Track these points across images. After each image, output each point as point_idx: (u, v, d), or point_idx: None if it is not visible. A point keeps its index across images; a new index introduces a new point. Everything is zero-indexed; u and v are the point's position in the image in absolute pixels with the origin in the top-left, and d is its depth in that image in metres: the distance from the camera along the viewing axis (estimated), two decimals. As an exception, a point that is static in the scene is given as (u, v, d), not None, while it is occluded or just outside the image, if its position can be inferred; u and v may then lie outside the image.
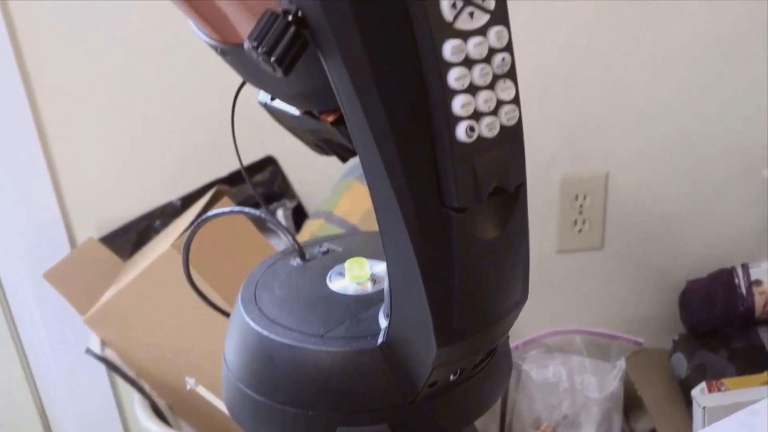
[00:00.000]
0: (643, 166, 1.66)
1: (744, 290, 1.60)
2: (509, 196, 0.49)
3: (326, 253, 0.66)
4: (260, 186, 1.53)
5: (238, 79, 0.59)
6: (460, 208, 0.47)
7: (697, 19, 1.56)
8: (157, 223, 1.52)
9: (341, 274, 0.62)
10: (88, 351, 1.33)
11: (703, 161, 1.66)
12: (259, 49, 0.44)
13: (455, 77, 0.45)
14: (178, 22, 0.54)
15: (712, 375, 1.50)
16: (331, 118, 0.59)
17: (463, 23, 0.44)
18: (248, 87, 0.60)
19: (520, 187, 0.50)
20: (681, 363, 1.60)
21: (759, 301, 1.59)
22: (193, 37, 0.56)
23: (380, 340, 0.54)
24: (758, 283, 1.60)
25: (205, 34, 0.54)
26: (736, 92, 1.62)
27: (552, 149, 1.61)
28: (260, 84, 0.57)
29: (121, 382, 1.48)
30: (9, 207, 1.49)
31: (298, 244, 0.65)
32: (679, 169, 1.67)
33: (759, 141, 1.64)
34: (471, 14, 0.44)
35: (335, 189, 1.49)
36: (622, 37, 1.55)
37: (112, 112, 1.48)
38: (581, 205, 1.67)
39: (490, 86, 0.47)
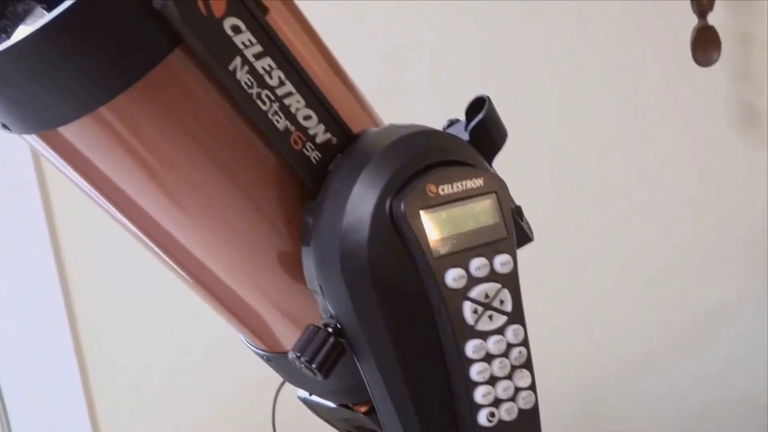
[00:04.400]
0: (654, 419, 1.64)
1: None
2: None
3: None
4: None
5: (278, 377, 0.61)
6: None
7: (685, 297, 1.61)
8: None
9: None
10: None
11: (708, 411, 1.65)
12: (302, 358, 0.47)
13: (477, 371, 0.48)
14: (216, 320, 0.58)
15: None
16: (363, 409, 0.61)
17: (484, 325, 0.48)
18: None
19: None
20: None
21: None
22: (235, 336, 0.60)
23: None
24: None
25: (254, 346, 0.58)
26: (731, 350, 1.64)
27: (566, 415, 1.60)
28: (300, 384, 0.60)
29: None
30: None
31: None
32: (689, 417, 1.65)
33: (758, 390, 1.64)
34: (490, 317, 0.48)
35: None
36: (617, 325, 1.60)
37: (162, 417, 1.49)
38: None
39: (509, 376, 0.49)
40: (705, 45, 1.37)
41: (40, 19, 0.40)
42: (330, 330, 0.47)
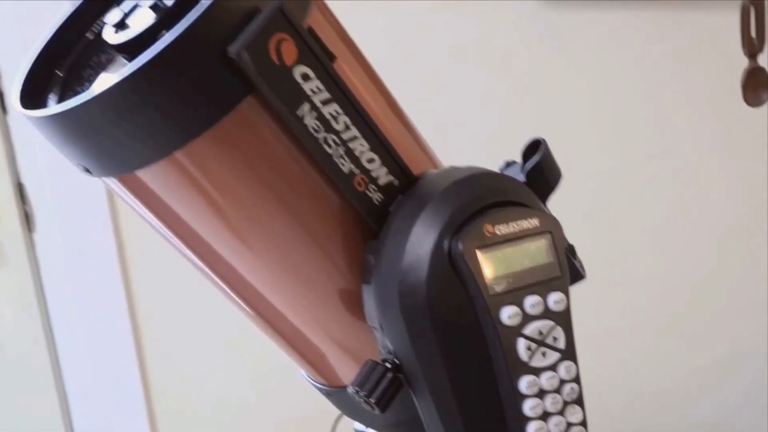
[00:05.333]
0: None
1: None
2: None
3: None
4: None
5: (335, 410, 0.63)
6: None
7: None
8: None
9: None
10: None
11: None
12: (361, 392, 0.48)
13: (530, 407, 0.49)
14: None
15: None
16: (418, 442, 0.61)
17: (537, 362, 0.49)
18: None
19: None
20: None
21: None
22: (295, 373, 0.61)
23: None
24: None
25: (315, 381, 0.59)
26: None
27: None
28: (358, 417, 0.61)
29: None
30: None
31: None
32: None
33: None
34: (544, 354, 0.49)
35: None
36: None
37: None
38: None
39: (561, 412, 0.50)
40: (755, 86, 1.37)
41: (122, 68, 0.42)
42: (388, 365, 0.48)
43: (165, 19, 0.43)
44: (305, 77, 0.43)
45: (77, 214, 1.35)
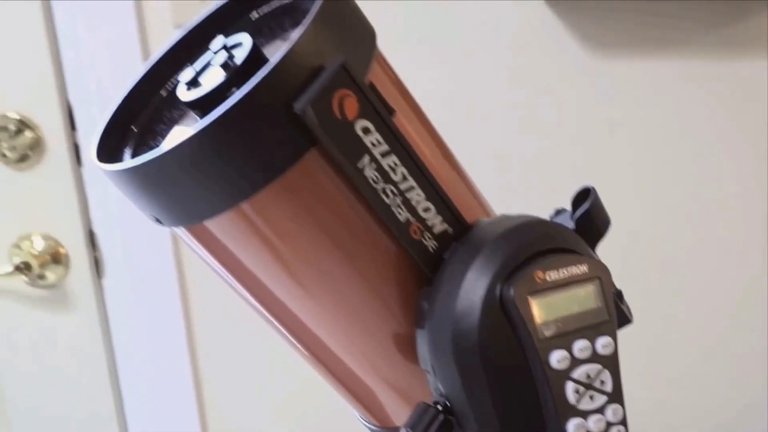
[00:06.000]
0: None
1: None
2: None
3: None
4: None
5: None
6: None
7: None
8: None
9: None
10: None
11: None
12: None
13: (578, 450, 0.49)
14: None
15: None
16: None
17: (585, 405, 0.49)
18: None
19: None
20: None
21: None
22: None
23: None
24: None
25: (367, 421, 0.60)
26: None
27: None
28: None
29: None
30: None
31: None
32: None
33: None
34: (591, 397, 0.49)
35: None
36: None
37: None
38: None
39: (608, 454, 0.50)
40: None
41: (194, 123, 0.44)
42: (440, 407, 0.49)
43: (234, 77, 0.45)
44: (366, 131, 0.45)
45: (144, 260, 1.39)
